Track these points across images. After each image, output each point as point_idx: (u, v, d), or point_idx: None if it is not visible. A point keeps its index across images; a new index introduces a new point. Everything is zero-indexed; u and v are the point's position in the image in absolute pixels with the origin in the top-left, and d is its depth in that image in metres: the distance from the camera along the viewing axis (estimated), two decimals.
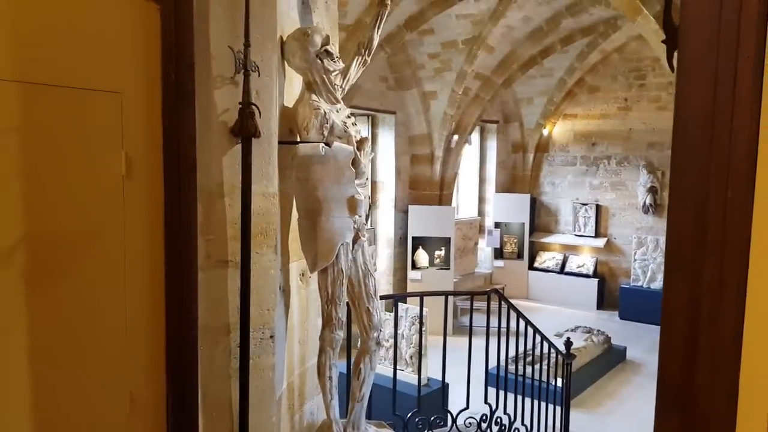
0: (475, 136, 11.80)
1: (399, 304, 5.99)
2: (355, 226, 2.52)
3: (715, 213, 0.95)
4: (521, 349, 4.85)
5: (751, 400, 0.98)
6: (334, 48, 2.50)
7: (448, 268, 9.64)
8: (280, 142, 2.32)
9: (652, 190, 10.90)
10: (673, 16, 1.18)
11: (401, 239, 9.75)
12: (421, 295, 4.04)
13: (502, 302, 4.48)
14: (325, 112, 2.39)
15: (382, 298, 4.46)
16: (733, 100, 0.92)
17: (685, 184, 0.97)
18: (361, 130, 2.66)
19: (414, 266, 9.61)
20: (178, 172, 1.85)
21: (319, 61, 2.38)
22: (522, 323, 4.64)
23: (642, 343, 8.86)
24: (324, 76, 2.42)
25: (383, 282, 9.74)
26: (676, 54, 1.22)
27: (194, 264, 1.90)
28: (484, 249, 11.97)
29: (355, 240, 2.54)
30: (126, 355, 1.87)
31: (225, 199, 2.02)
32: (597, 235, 11.73)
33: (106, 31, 1.76)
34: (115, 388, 1.86)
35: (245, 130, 2.00)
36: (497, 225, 11.94)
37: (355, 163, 2.47)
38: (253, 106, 2.03)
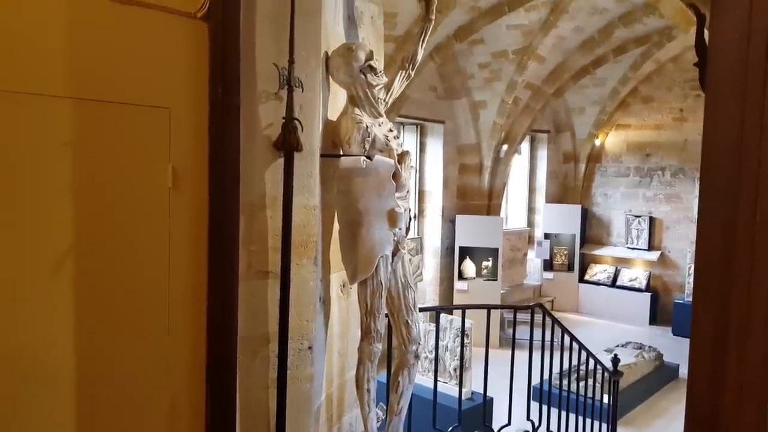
0: (525, 146, 11.64)
1: (444, 315, 5.98)
2: (395, 238, 2.54)
3: (743, 237, 0.93)
4: (567, 364, 4.75)
5: None
6: (378, 63, 2.54)
7: (496, 279, 9.52)
8: (322, 155, 2.37)
9: None
10: (706, 38, 1.17)
11: (448, 249, 9.70)
12: (463, 308, 4.02)
13: (547, 317, 4.40)
14: (367, 126, 2.43)
15: (423, 310, 4.48)
16: (761, 124, 0.91)
17: (713, 207, 0.96)
18: (403, 143, 2.68)
19: (460, 276, 9.53)
20: (222, 185, 1.93)
21: (363, 76, 2.43)
22: (568, 338, 4.54)
23: None
24: (367, 90, 2.46)
25: (429, 292, 9.71)
26: None
27: (236, 274, 1.97)
28: (533, 260, 11.76)
29: (395, 252, 2.57)
30: (168, 360, 1.95)
31: (267, 211, 2.09)
32: (650, 248, 11.37)
33: (157, 49, 1.86)
34: (157, 392, 1.94)
35: (288, 144, 2.07)
36: (547, 236, 11.71)
37: (395, 176, 2.50)
38: (296, 121, 2.09)
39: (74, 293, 1.75)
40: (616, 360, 5.27)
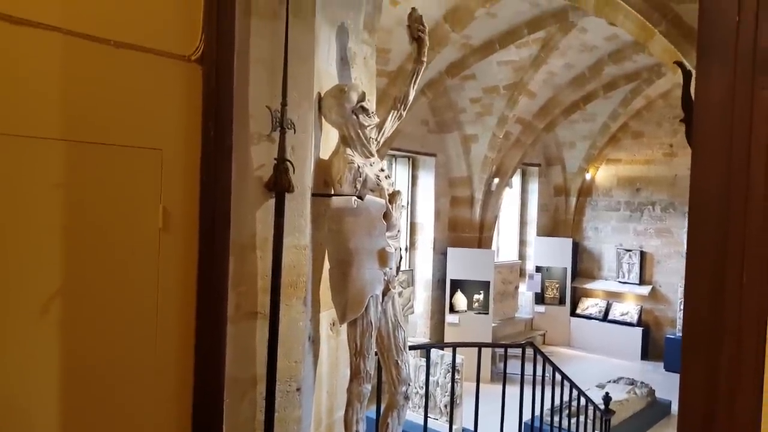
0: (516, 179, 11.73)
1: (435, 350, 5.94)
2: (386, 278, 2.54)
3: (731, 298, 0.94)
4: (558, 400, 4.71)
5: None
6: (370, 104, 2.57)
7: (487, 313, 9.47)
8: (313, 195, 2.38)
9: None
10: (692, 95, 1.19)
11: (439, 282, 9.67)
12: (454, 346, 4.00)
13: (537, 355, 4.37)
14: (359, 166, 2.45)
15: (413, 348, 4.44)
16: (747, 185, 0.92)
17: (700, 267, 0.97)
18: (395, 182, 2.70)
19: (452, 310, 9.47)
20: (213, 226, 1.93)
21: (355, 117, 2.45)
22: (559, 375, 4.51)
23: None
24: (359, 131, 2.49)
25: (420, 325, 9.64)
26: None
27: (224, 315, 1.96)
28: (525, 293, 11.73)
29: (386, 292, 2.56)
30: (155, 402, 1.91)
31: (257, 251, 2.08)
32: (641, 282, 11.38)
33: (151, 91, 1.88)
34: None
35: (279, 185, 2.07)
36: (538, 269, 11.71)
37: (386, 216, 2.50)
38: (288, 162, 2.10)
39: (61, 334, 1.73)
40: (607, 399, 5.23)
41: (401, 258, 2.72)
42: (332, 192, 2.47)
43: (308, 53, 2.25)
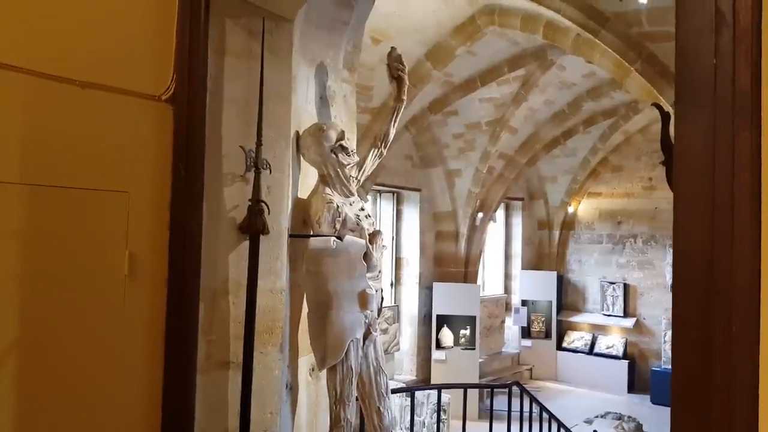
0: (500, 213, 11.76)
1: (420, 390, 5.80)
2: (367, 321, 2.46)
3: (720, 349, 0.88)
4: None
5: None
6: (349, 142, 2.53)
7: (474, 348, 9.34)
8: (291, 235, 2.32)
9: None
10: (670, 136, 1.16)
11: (425, 317, 9.55)
12: (439, 388, 3.90)
13: (524, 394, 4.29)
14: (338, 206, 2.40)
15: (397, 391, 4.33)
16: (732, 232, 0.88)
17: (687, 319, 0.91)
18: (375, 222, 2.64)
19: (438, 346, 9.34)
20: (182, 271, 1.84)
21: (334, 156, 2.41)
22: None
23: None
24: (338, 170, 2.44)
25: (406, 362, 9.48)
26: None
27: (194, 366, 1.86)
28: (511, 327, 11.64)
29: (367, 336, 2.48)
30: None
31: (229, 296, 2.00)
32: (626, 314, 11.39)
33: (118, 132, 1.81)
34: None
35: (253, 226, 2.01)
36: (524, 303, 11.67)
37: (367, 256, 2.45)
38: (263, 203, 2.04)
39: (17, 390, 1.61)
40: None
41: (383, 299, 2.65)
42: (311, 232, 2.41)
43: (285, 92, 2.21)
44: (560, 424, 4.54)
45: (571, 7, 5.30)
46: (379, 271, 2.56)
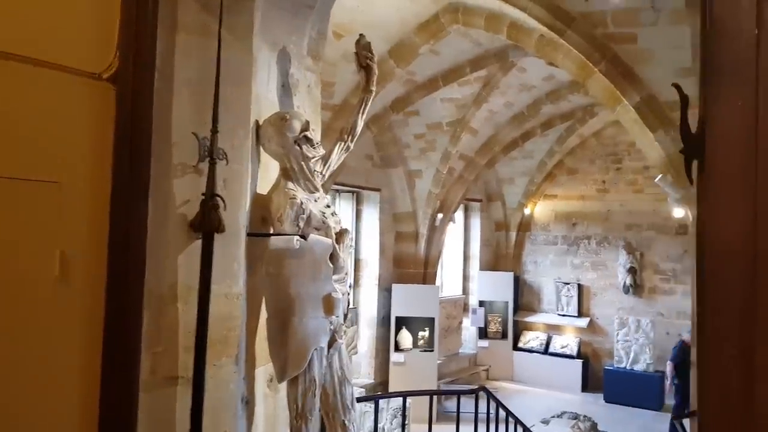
0: (459, 215, 11.75)
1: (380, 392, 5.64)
2: (332, 327, 2.27)
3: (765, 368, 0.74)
4: None
5: None
6: (314, 134, 2.34)
7: (432, 350, 9.26)
8: (249, 234, 2.11)
9: (632, 271, 11.13)
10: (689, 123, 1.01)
11: (384, 319, 9.40)
12: (404, 395, 3.75)
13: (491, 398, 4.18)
14: (302, 202, 2.20)
15: (361, 400, 4.15)
16: None
17: (724, 332, 0.76)
18: (341, 221, 2.45)
19: (397, 348, 9.20)
20: (124, 274, 1.60)
21: (297, 148, 2.22)
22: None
23: (628, 429, 8.48)
24: (302, 163, 2.26)
25: (364, 365, 9.31)
26: (695, 164, 1.05)
27: (136, 383, 1.62)
28: (469, 328, 11.64)
29: (331, 343, 2.29)
30: None
31: (178, 303, 1.77)
32: (580, 314, 11.68)
33: (50, 114, 1.56)
34: None
35: (207, 224, 1.79)
36: (481, 303, 11.74)
37: (333, 257, 2.26)
38: (218, 198, 1.82)
39: None
40: None
41: (349, 303, 2.46)
42: (271, 231, 2.20)
43: (245, 75, 2.01)
44: (525, 428, 4.47)
45: (537, 6, 5.25)
46: (346, 273, 2.38)
